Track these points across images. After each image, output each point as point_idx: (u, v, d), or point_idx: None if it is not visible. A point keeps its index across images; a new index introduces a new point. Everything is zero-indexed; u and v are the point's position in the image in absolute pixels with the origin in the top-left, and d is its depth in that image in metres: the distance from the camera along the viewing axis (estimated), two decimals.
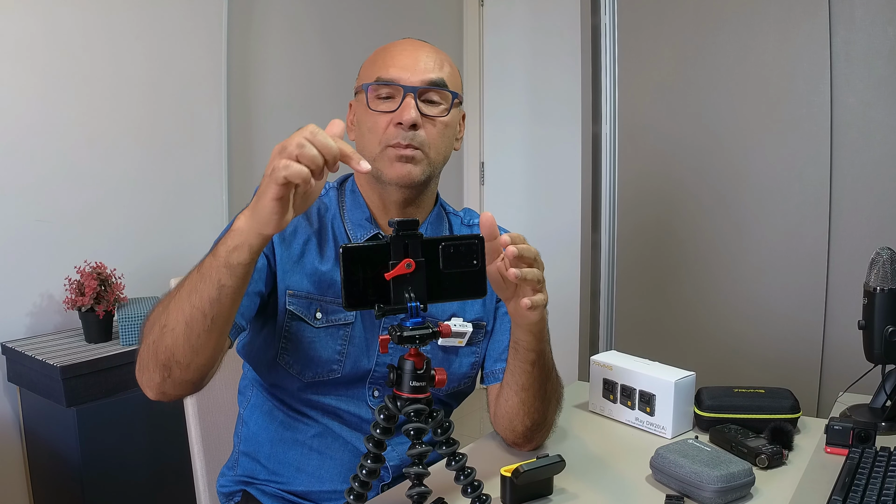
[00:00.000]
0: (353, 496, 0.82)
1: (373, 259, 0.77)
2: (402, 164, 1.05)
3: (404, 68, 1.05)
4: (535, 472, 0.94)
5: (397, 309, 0.77)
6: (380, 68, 1.07)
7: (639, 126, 2.57)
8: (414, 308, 0.77)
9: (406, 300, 0.77)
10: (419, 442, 0.81)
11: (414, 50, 1.08)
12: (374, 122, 1.06)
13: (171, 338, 0.88)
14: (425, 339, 0.77)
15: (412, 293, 0.77)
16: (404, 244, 0.77)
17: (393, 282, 0.77)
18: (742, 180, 2.36)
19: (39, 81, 1.95)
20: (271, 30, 2.56)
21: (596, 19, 2.64)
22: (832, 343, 2.23)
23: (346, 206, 1.13)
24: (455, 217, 1.22)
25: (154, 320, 0.91)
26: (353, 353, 1.08)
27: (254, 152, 2.55)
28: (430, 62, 1.07)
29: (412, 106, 1.03)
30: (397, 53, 1.08)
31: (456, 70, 1.12)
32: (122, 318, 1.84)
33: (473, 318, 1.14)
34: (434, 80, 1.06)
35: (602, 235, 2.69)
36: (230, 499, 1.16)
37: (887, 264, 1.18)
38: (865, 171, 2.15)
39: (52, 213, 1.99)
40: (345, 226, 1.11)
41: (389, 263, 0.77)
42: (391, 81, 1.05)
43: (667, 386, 1.15)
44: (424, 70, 1.06)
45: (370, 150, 1.07)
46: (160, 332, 0.89)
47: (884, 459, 0.96)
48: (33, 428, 1.90)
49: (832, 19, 2.14)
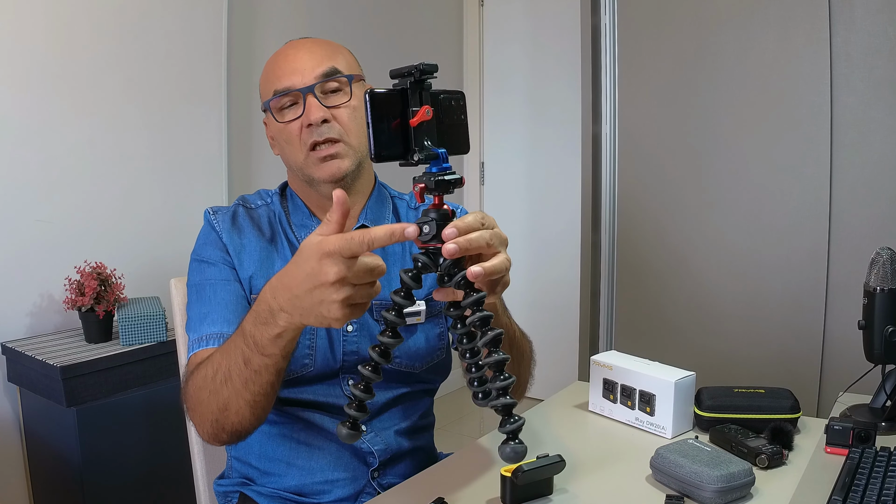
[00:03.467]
0: (355, 406, 0.80)
1: (394, 105, 0.77)
2: (328, 164, 1.07)
3: (294, 72, 1.07)
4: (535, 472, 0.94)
5: (434, 155, 0.77)
6: (273, 81, 1.08)
7: (639, 126, 2.57)
8: (444, 154, 0.78)
9: (426, 147, 0.77)
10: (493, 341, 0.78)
11: (297, 52, 1.09)
12: (288, 133, 1.08)
13: (237, 416, 0.93)
14: (458, 184, 0.78)
15: (429, 141, 0.78)
16: (420, 92, 0.77)
17: (414, 130, 0.77)
18: (742, 180, 2.36)
19: (39, 81, 1.95)
20: (271, 30, 2.57)
21: (596, 19, 2.64)
22: (832, 343, 2.23)
23: (290, 211, 1.17)
24: (400, 200, 1.24)
25: (205, 403, 0.94)
26: (321, 346, 1.10)
27: (254, 152, 2.55)
28: (317, 56, 1.08)
29: (314, 104, 1.05)
30: (283, 61, 1.09)
31: (346, 51, 1.14)
32: (122, 318, 1.84)
33: (424, 296, 1.15)
34: (325, 71, 1.07)
35: (602, 235, 2.69)
36: (229, 500, 1.17)
37: (887, 264, 1.18)
38: (865, 171, 2.15)
39: (52, 213, 1.99)
40: (292, 230, 1.15)
41: (410, 110, 0.76)
42: (287, 89, 1.06)
43: (667, 386, 1.15)
44: (313, 67, 1.07)
45: (296, 160, 1.10)
46: (221, 413, 0.93)
47: (884, 459, 0.96)
48: (33, 428, 1.90)
49: (832, 19, 2.14)
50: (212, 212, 1.16)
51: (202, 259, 1.12)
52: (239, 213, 1.15)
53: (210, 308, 1.06)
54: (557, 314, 3.19)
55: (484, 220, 0.81)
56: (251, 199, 1.19)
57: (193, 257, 1.14)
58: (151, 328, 1.86)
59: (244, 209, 1.17)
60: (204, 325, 1.05)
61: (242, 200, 1.19)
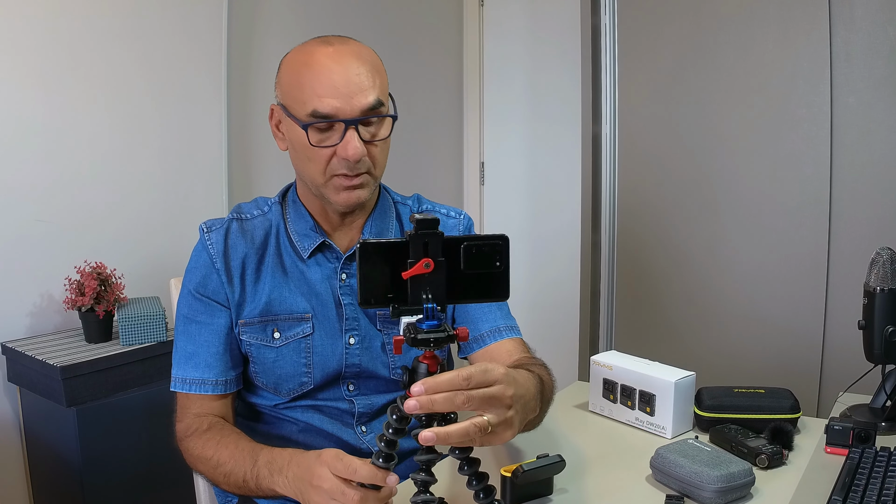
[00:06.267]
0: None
1: (390, 256, 0.74)
2: (349, 192, 1.05)
3: (338, 96, 0.99)
4: (535, 472, 0.94)
5: (414, 310, 0.75)
6: (312, 97, 1.00)
7: (639, 126, 2.57)
8: (430, 310, 0.74)
9: (423, 301, 0.74)
10: (430, 448, 0.77)
11: (344, 70, 1.00)
12: (316, 154, 1.03)
13: (231, 489, 1.03)
14: (441, 343, 0.74)
15: (430, 294, 0.74)
16: (424, 242, 0.74)
17: (411, 281, 0.74)
18: (742, 180, 2.36)
19: (39, 82, 1.95)
20: (271, 30, 2.56)
21: (596, 19, 2.64)
22: (832, 343, 2.23)
23: (290, 218, 1.15)
24: (403, 206, 1.22)
25: (203, 471, 1.07)
26: (318, 363, 1.11)
27: (254, 152, 2.55)
28: (364, 79, 1.01)
29: (355, 139, 1.00)
30: (327, 77, 1.00)
31: (381, 68, 1.07)
32: (122, 318, 1.84)
33: None
34: (371, 104, 1.01)
35: (602, 235, 2.69)
36: (228, 498, 1.17)
37: (887, 264, 1.18)
38: (865, 171, 2.15)
39: (52, 213, 1.99)
40: (290, 237, 1.14)
41: (408, 262, 0.74)
42: (328, 117, 1.00)
43: (667, 386, 1.15)
44: (359, 93, 1.00)
45: (312, 179, 1.06)
46: (215, 480, 1.05)
47: (884, 459, 0.96)
48: (33, 428, 1.90)
49: (832, 19, 2.14)
50: (206, 228, 1.14)
51: (192, 290, 1.12)
52: (232, 230, 1.13)
53: (196, 349, 1.11)
54: (557, 314, 3.18)
55: (470, 379, 0.74)
56: (247, 208, 1.17)
57: (185, 283, 1.14)
58: (151, 328, 1.86)
59: (237, 222, 1.14)
60: (189, 366, 1.11)
61: (238, 211, 1.17)
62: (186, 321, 1.12)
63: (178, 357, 1.12)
